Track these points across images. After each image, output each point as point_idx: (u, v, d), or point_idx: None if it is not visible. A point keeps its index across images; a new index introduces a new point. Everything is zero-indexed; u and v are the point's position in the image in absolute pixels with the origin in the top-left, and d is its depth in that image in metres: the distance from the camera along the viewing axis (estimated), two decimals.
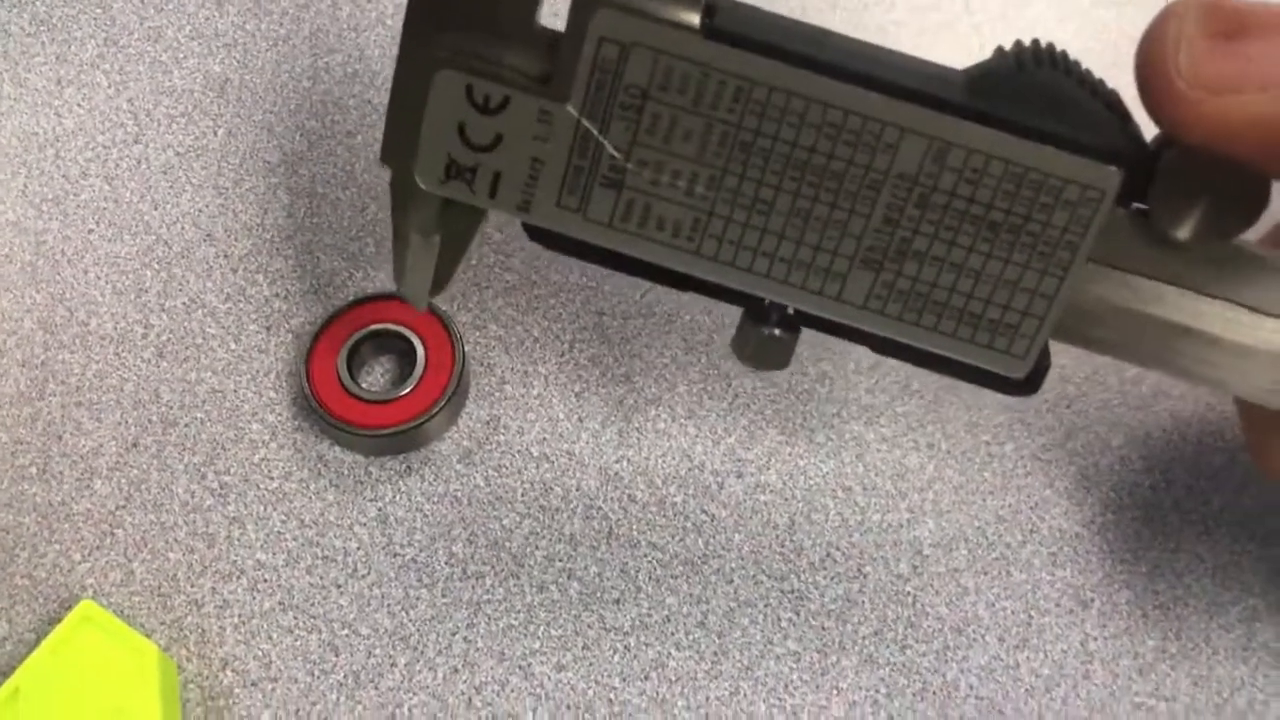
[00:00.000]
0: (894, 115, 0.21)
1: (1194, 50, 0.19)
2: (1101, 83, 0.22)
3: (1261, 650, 0.28)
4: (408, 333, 0.30)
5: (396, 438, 0.29)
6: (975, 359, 0.23)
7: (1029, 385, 0.23)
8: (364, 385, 0.30)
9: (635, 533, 0.29)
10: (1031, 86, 0.21)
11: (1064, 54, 0.21)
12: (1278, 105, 0.19)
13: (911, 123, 0.21)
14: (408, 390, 0.29)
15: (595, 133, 0.22)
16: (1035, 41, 0.22)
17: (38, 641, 0.26)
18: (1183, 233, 0.21)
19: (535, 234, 0.24)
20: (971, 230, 0.22)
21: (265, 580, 0.28)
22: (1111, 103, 0.21)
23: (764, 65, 0.21)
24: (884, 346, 0.24)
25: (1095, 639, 0.28)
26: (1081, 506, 0.30)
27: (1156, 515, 0.30)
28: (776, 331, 0.23)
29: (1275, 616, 0.28)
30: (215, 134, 0.34)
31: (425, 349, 0.29)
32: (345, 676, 0.27)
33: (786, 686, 0.27)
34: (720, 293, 0.23)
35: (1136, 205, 0.22)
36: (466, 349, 0.30)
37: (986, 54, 0.22)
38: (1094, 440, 0.30)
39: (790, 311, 0.23)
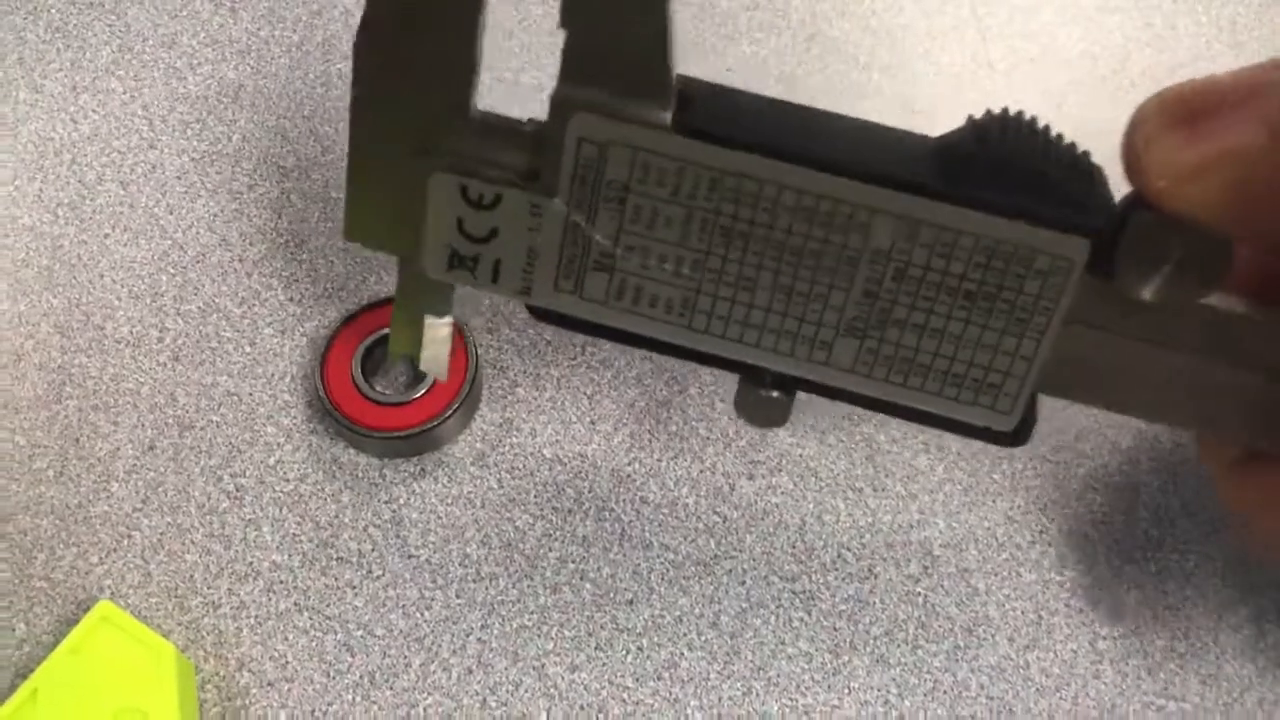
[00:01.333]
0: (862, 198, 0.22)
1: (1162, 146, 0.20)
2: (1070, 147, 0.22)
3: (1270, 650, 0.28)
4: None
5: (410, 440, 0.29)
6: (963, 416, 0.24)
7: (1018, 437, 0.24)
8: (378, 388, 0.30)
9: (648, 534, 0.29)
10: (995, 160, 0.21)
11: (1030, 121, 0.22)
12: (1239, 176, 0.20)
13: (880, 204, 0.22)
14: (421, 393, 0.29)
15: (583, 224, 0.23)
16: (1001, 112, 0.22)
17: (55, 643, 0.27)
18: (1147, 294, 0.21)
19: (537, 313, 0.25)
20: (948, 300, 0.22)
21: (281, 581, 0.28)
22: (1078, 167, 0.22)
23: (735, 157, 0.22)
24: (874, 404, 0.24)
25: (1105, 639, 0.28)
26: (1090, 508, 0.30)
27: (1165, 516, 0.30)
28: (774, 394, 0.24)
29: None
30: (230, 139, 0.34)
31: None
32: (360, 677, 0.27)
33: (798, 686, 0.28)
34: (716, 361, 0.24)
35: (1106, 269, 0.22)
36: (479, 352, 0.30)
37: (993, 59, 0.22)
38: (1103, 442, 0.31)
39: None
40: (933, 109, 0.35)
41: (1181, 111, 0.20)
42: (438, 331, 0.27)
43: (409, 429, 0.29)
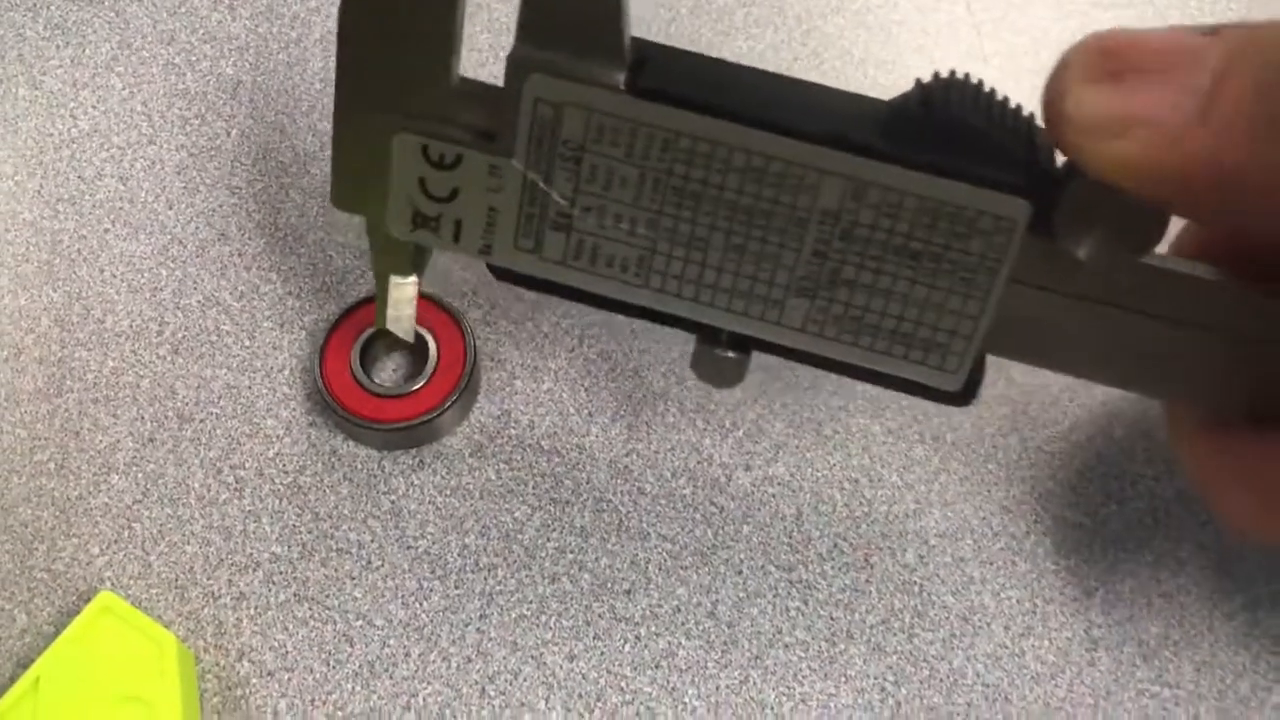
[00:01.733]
0: (811, 159, 0.22)
1: (1080, 97, 0.20)
2: (1016, 110, 0.22)
3: (1264, 638, 0.28)
4: (420, 329, 0.30)
5: (409, 431, 0.29)
6: (911, 374, 0.24)
7: (964, 397, 0.25)
8: (377, 380, 0.30)
9: (645, 525, 0.29)
10: (941, 122, 0.22)
11: (977, 85, 0.22)
12: (1155, 146, 0.19)
13: (828, 165, 0.22)
14: (420, 385, 0.29)
15: (541, 184, 0.23)
16: (949, 75, 0.22)
17: (57, 633, 0.27)
18: (1082, 254, 0.22)
19: (498, 272, 0.25)
20: (895, 259, 0.23)
21: (281, 573, 0.29)
22: (1021, 131, 0.22)
23: (686, 118, 0.22)
24: (825, 363, 0.25)
25: (1099, 627, 0.28)
26: (1085, 497, 0.30)
27: (1159, 505, 0.30)
28: (729, 353, 0.25)
29: (1277, 605, 0.29)
30: (228, 135, 0.34)
31: (437, 345, 0.30)
32: (360, 666, 0.28)
33: (795, 675, 0.28)
34: (672, 320, 0.25)
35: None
36: (477, 344, 0.30)
37: (987, 53, 0.23)
38: (1097, 432, 0.31)
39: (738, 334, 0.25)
40: None
41: (1106, 64, 0.20)
42: (403, 292, 0.28)
43: (408, 420, 0.29)
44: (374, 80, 0.24)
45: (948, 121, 0.22)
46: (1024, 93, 0.36)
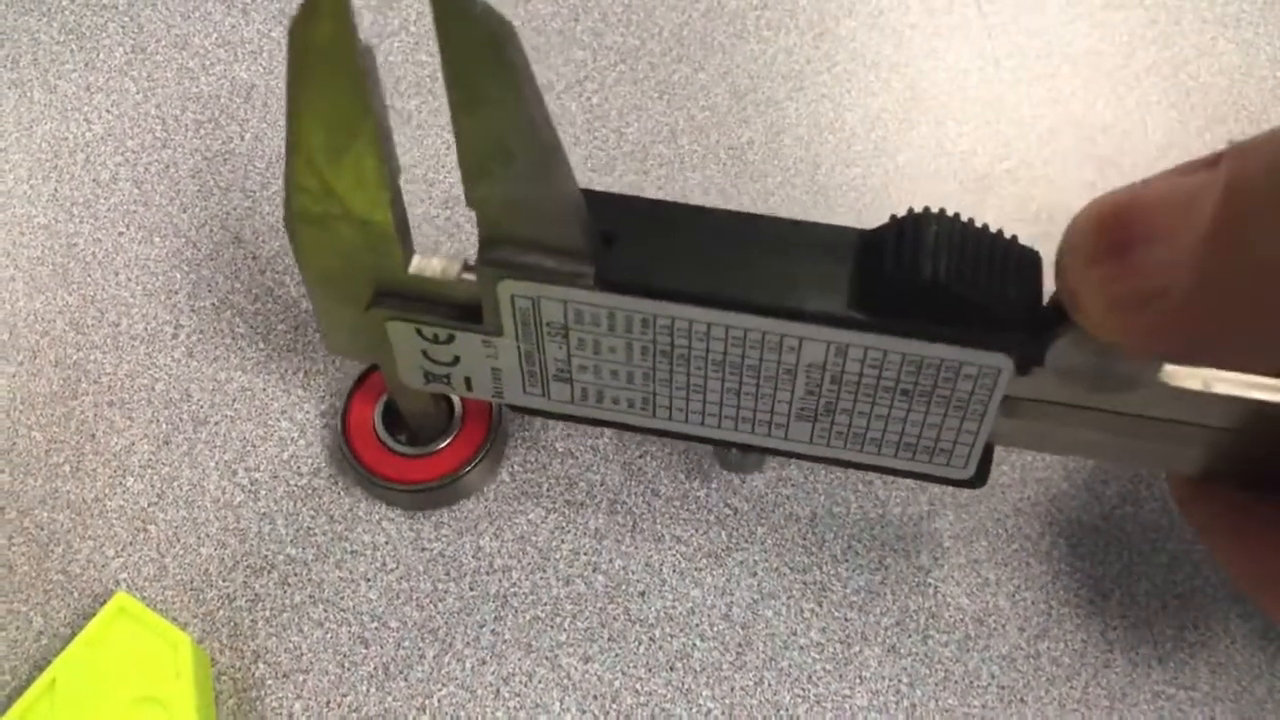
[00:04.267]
0: (788, 330, 0.22)
1: (1090, 280, 0.19)
2: (992, 242, 0.21)
3: None
4: None
5: (435, 492, 0.29)
6: (921, 470, 0.25)
7: (977, 480, 0.25)
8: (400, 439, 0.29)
9: (659, 526, 0.29)
10: (917, 283, 0.21)
11: (951, 221, 0.21)
12: (1171, 315, 0.18)
13: (806, 334, 0.22)
14: (445, 444, 0.29)
15: (534, 352, 0.24)
16: (924, 211, 0.21)
17: (73, 635, 0.27)
18: (1074, 375, 0.22)
19: (515, 408, 0.26)
20: (888, 396, 0.23)
21: (296, 574, 0.29)
22: (997, 278, 0.21)
23: (659, 305, 0.23)
24: (838, 463, 0.26)
25: (1115, 628, 0.28)
26: (1100, 499, 0.30)
27: (1174, 507, 0.30)
28: (746, 454, 0.27)
29: None
30: (242, 138, 0.35)
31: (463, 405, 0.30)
32: (375, 668, 0.28)
33: (810, 677, 0.28)
34: (684, 437, 0.26)
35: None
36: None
37: (999, 56, 0.22)
38: None
39: None
40: (939, 105, 0.36)
41: (1108, 238, 0.19)
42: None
43: (435, 481, 0.29)
44: (339, 285, 0.25)
45: (921, 283, 0.21)
46: (1037, 96, 0.36)
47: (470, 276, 0.24)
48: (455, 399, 0.30)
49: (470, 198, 0.22)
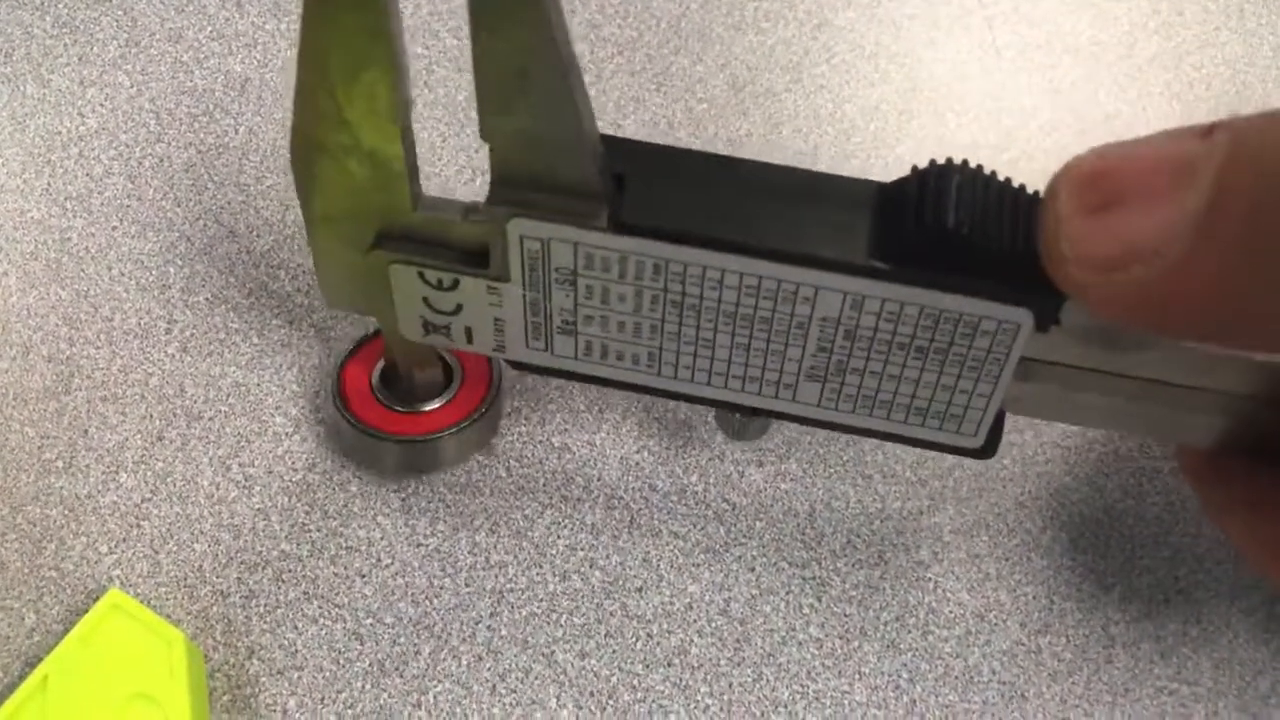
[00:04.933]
0: (803, 278, 0.22)
1: (1072, 232, 0.18)
2: (1015, 196, 0.21)
3: None
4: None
5: (423, 446, 0.29)
6: (930, 438, 0.25)
7: (987, 450, 0.25)
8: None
9: (656, 521, 0.29)
10: (936, 235, 0.21)
11: (973, 173, 0.21)
12: (1155, 281, 0.18)
13: (822, 282, 0.22)
14: (440, 404, 0.29)
15: (540, 300, 0.24)
16: (946, 163, 0.21)
17: (65, 631, 0.27)
18: (1091, 334, 0.22)
19: (514, 364, 0.26)
20: (901, 354, 0.23)
21: (290, 570, 0.28)
22: (1021, 228, 0.21)
23: (672, 249, 0.22)
24: (844, 429, 0.25)
25: (1117, 623, 0.28)
26: (1102, 492, 0.30)
27: (1177, 500, 0.30)
28: (749, 418, 0.26)
29: None
30: (236, 132, 0.34)
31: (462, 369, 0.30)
32: (370, 665, 0.27)
33: (809, 673, 0.28)
34: (690, 398, 0.25)
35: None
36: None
37: (999, 46, 0.22)
38: None
39: None
40: (938, 97, 0.35)
41: (1094, 193, 0.18)
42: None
43: (427, 434, 0.29)
44: (342, 224, 0.24)
45: (943, 234, 0.21)
46: (1037, 86, 0.36)
47: (480, 218, 0.23)
48: (455, 367, 0.29)
49: (485, 129, 0.21)
